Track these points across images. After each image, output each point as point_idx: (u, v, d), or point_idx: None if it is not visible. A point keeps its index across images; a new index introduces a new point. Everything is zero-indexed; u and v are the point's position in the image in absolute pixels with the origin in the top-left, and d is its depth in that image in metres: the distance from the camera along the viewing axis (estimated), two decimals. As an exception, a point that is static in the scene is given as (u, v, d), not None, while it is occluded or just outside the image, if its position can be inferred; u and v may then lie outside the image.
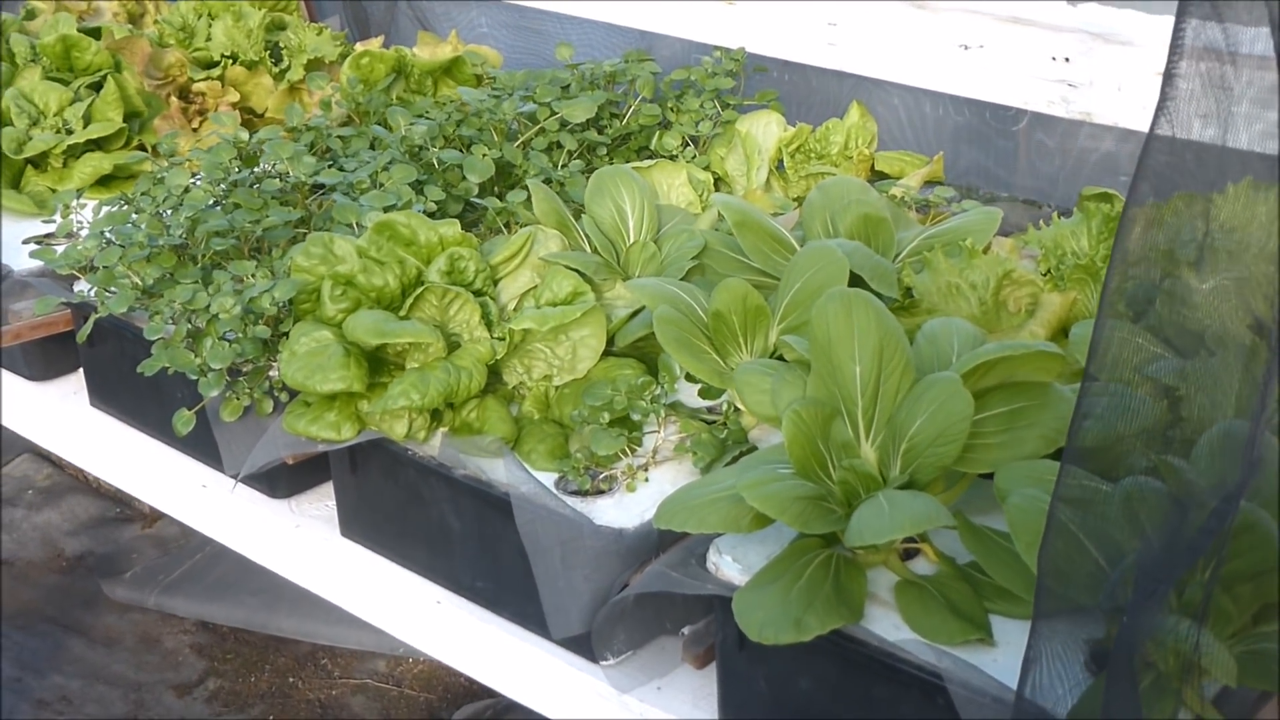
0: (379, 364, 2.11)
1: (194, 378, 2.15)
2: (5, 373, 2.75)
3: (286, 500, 2.33)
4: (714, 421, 2.07)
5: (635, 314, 2.17)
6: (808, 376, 1.78)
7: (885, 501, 1.59)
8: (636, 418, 1.99)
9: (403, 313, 2.11)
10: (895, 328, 1.72)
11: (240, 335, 2.16)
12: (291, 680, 3.86)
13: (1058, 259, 2.10)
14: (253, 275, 2.22)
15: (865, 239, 2.20)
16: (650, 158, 2.85)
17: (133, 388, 2.43)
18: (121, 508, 4.57)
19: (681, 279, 2.22)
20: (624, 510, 1.91)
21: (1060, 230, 2.14)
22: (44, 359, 2.70)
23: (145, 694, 3.86)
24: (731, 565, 1.74)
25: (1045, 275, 2.11)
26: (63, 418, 2.67)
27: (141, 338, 2.24)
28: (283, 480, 2.31)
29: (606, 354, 2.15)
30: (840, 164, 2.68)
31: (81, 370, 2.63)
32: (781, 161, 2.69)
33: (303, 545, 2.28)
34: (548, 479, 1.99)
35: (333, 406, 2.07)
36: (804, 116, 2.99)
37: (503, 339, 2.10)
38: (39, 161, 3.04)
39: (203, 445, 2.33)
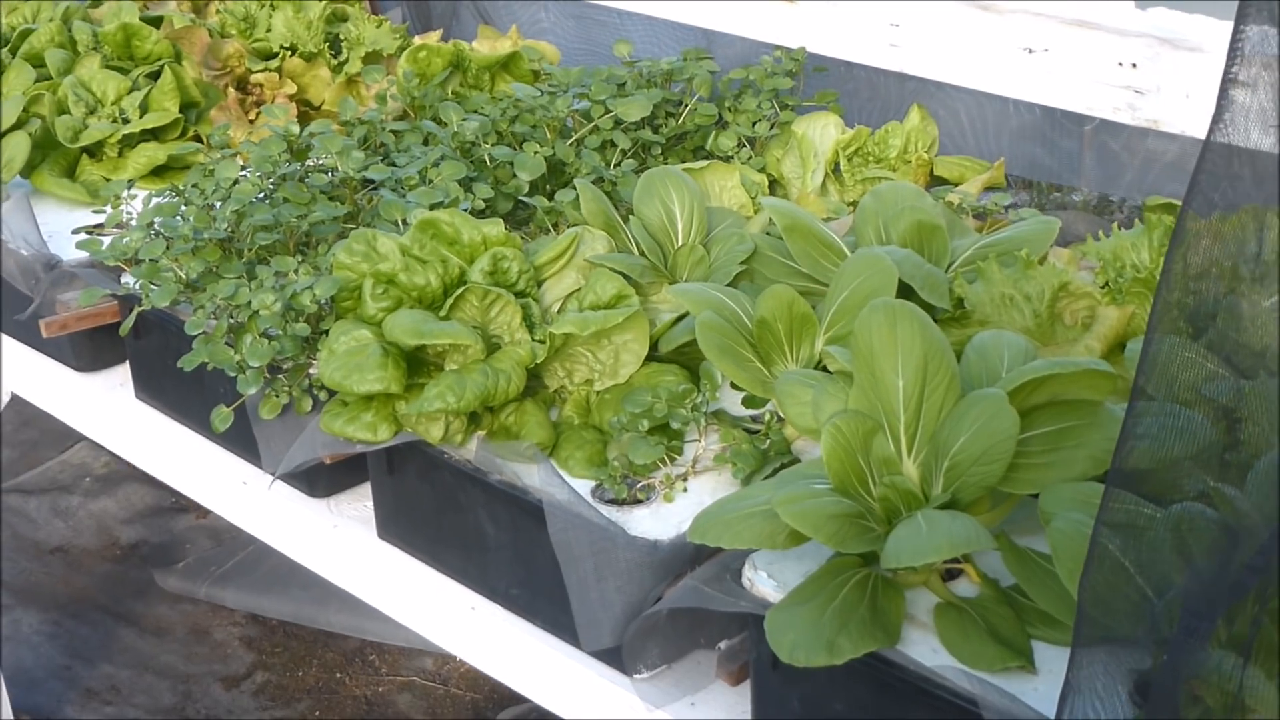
0: (418, 364, 2.08)
1: (233, 375, 2.12)
2: (53, 363, 2.74)
3: (325, 500, 2.31)
4: (756, 431, 2.02)
5: (680, 319, 2.12)
6: (850, 389, 1.73)
7: (924, 522, 1.54)
8: (676, 426, 1.94)
9: (443, 313, 2.08)
10: (940, 340, 1.66)
11: (281, 332, 2.13)
12: (339, 676, 3.84)
13: (1116, 271, 2.04)
14: (295, 271, 2.20)
15: (918, 246, 2.15)
16: (705, 158, 2.81)
17: (177, 381, 2.41)
18: (177, 497, 4.58)
19: (729, 284, 2.17)
20: (660, 521, 1.87)
21: (1120, 241, 2.07)
22: (91, 350, 2.69)
23: (193, 685, 3.86)
24: (767, 581, 1.69)
25: (1103, 288, 2.05)
26: (109, 409, 2.66)
27: (186, 331, 2.22)
28: (322, 479, 2.29)
29: (650, 359, 2.10)
30: (898, 168, 2.63)
31: (128, 362, 2.62)
32: (838, 164, 2.63)
33: (341, 546, 2.25)
34: (584, 486, 1.95)
35: (370, 407, 2.04)
36: (863, 118, 2.94)
37: (543, 342, 2.06)
38: (94, 150, 3.03)
39: (244, 441, 2.30)
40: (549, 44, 3.13)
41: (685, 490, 1.92)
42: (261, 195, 2.46)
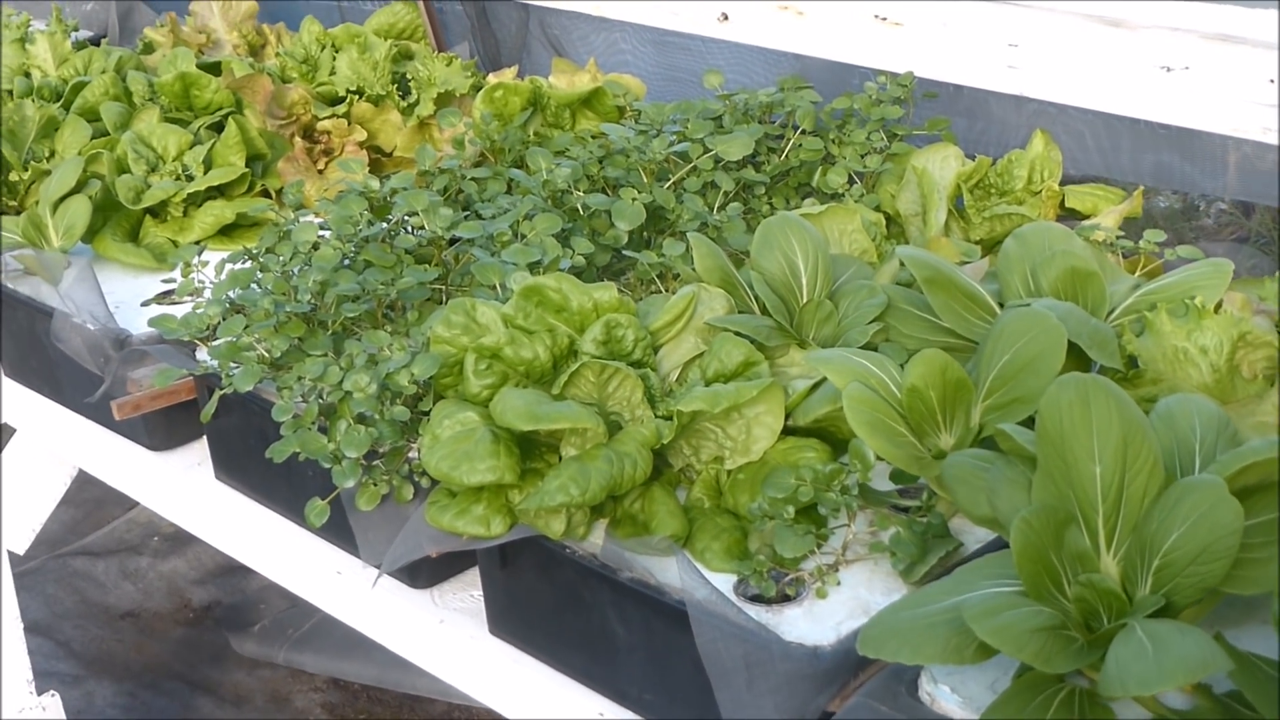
0: (531, 446, 1.90)
1: (327, 466, 1.95)
2: (125, 441, 2.57)
3: (428, 590, 2.13)
4: (909, 509, 1.83)
5: (815, 387, 1.93)
6: (1031, 474, 1.53)
7: (1146, 639, 1.34)
8: (824, 512, 1.75)
9: (556, 390, 1.89)
10: (1140, 420, 1.46)
11: (377, 417, 1.95)
12: (427, 743, 3.67)
13: (1302, 317, 1.84)
14: (389, 347, 2.02)
15: (1072, 295, 1.95)
16: (810, 194, 2.62)
17: (261, 462, 2.22)
18: (249, 555, 4.42)
19: (865, 344, 1.98)
20: (816, 621, 1.68)
21: (1302, 283, 1.87)
22: (166, 428, 2.52)
23: (276, 756, 3.70)
24: (950, 697, 1.50)
25: (1286, 335, 1.85)
26: (187, 491, 2.49)
27: (269, 409, 2.04)
28: (424, 568, 2.11)
29: (784, 432, 1.91)
30: (1025, 200, 2.43)
31: (205, 439, 2.45)
32: (960, 198, 2.43)
33: (448, 642, 2.07)
34: (725, 581, 1.76)
35: (481, 498, 1.85)
36: (976, 146, 2.74)
37: (669, 419, 1.87)
38: (158, 211, 2.87)
39: (336, 527, 2.13)
40: (633, 77, 2.94)
41: (839, 583, 1.73)
42: (344, 259, 2.28)
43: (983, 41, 2.53)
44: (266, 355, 2.12)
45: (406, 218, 2.35)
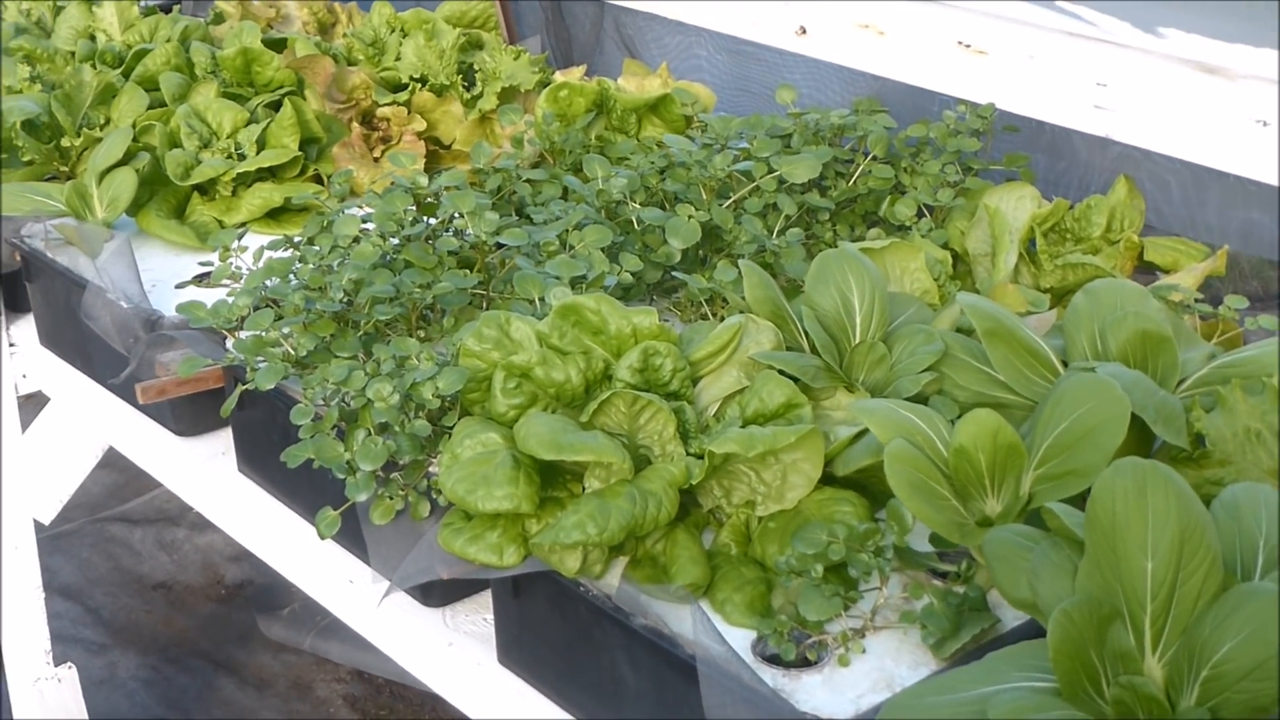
0: (554, 473, 1.80)
1: (341, 476, 1.86)
2: (151, 423, 2.51)
3: (440, 610, 2.04)
4: (946, 574, 1.72)
5: (859, 435, 1.82)
6: (1078, 560, 1.42)
7: (1188, 761, 1.23)
8: (855, 574, 1.65)
9: (585, 417, 1.80)
10: (1200, 515, 1.35)
11: (398, 429, 1.86)
12: (446, 745, 3.59)
13: (1387, 406, 1.70)
14: (417, 356, 1.93)
15: (1141, 361, 1.83)
16: (876, 224, 2.50)
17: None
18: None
19: (916, 393, 1.87)
20: (835, 692, 1.57)
21: (1391, 368, 1.74)
22: (193, 414, 2.45)
23: (293, 746, 3.64)
24: (969, 793, 1.39)
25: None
26: (209, 480, 2.42)
27: (294, 406, 1.96)
28: (438, 586, 2.01)
29: (822, 480, 1.81)
30: (1102, 249, 2.30)
31: (230, 429, 2.37)
32: (1034, 241, 2.31)
33: (456, 666, 1.99)
34: (743, 637, 1.66)
35: (496, 524, 1.76)
36: (1056, 186, 2.62)
37: (700, 457, 1.77)
38: (206, 189, 2.79)
39: (353, 534, 2.04)
40: (703, 86, 2.84)
41: (863, 651, 1.63)
42: (384, 256, 2.19)
43: (1070, 78, 2.40)
44: (292, 353, 2.04)
45: (453, 218, 2.26)
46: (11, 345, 2.89)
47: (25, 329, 2.85)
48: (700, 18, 2.99)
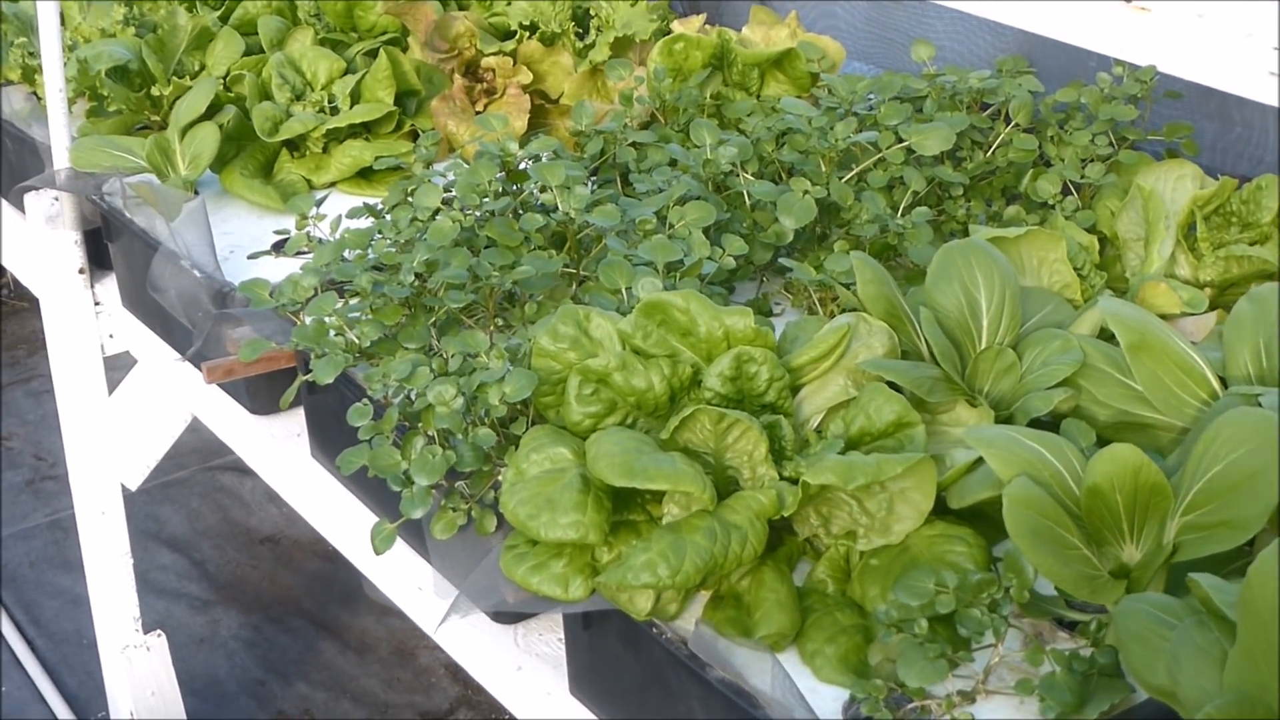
0: (629, 494, 1.60)
1: (396, 489, 1.68)
2: (226, 398, 2.35)
3: (513, 626, 1.86)
4: (1075, 625, 1.49)
5: (978, 461, 1.59)
6: (1228, 645, 1.19)
7: None
8: (965, 633, 1.43)
9: (666, 433, 1.59)
10: (1384, 609, 1.11)
11: (461, 437, 1.67)
12: (549, 726, 3.43)
13: None
14: (487, 353, 1.73)
15: (1317, 385, 1.57)
16: (1016, 200, 2.25)
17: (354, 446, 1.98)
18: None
19: (1048, 413, 1.64)
20: (935, 773, 1.36)
21: None
22: (268, 391, 2.28)
23: (392, 716, 3.50)
24: None
25: None
26: (283, 461, 2.26)
27: (348, 420, 1.78)
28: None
29: (935, 511, 1.58)
30: (1272, 236, 2.03)
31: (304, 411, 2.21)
32: (1193, 223, 2.04)
33: (527, 691, 1.80)
34: (834, 695, 1.45)
35: (562, 553, 1.57)
36: (1223, 159, 2.34)
37: (794, 481, 1.56)
38: (297, 144, 2.62)
39: (423, 536, 1.86)
40: (833, 40, 2.59)
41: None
42: (465, 232, 2.00)
43: (1243, 40, 2.11)
44: (356, 342, 1.86)
45: (543, 190, 2.06)
46: (98, 304, 2.76)
47: (111, 288, 2.71)
48: (833, -38, 2.74)
